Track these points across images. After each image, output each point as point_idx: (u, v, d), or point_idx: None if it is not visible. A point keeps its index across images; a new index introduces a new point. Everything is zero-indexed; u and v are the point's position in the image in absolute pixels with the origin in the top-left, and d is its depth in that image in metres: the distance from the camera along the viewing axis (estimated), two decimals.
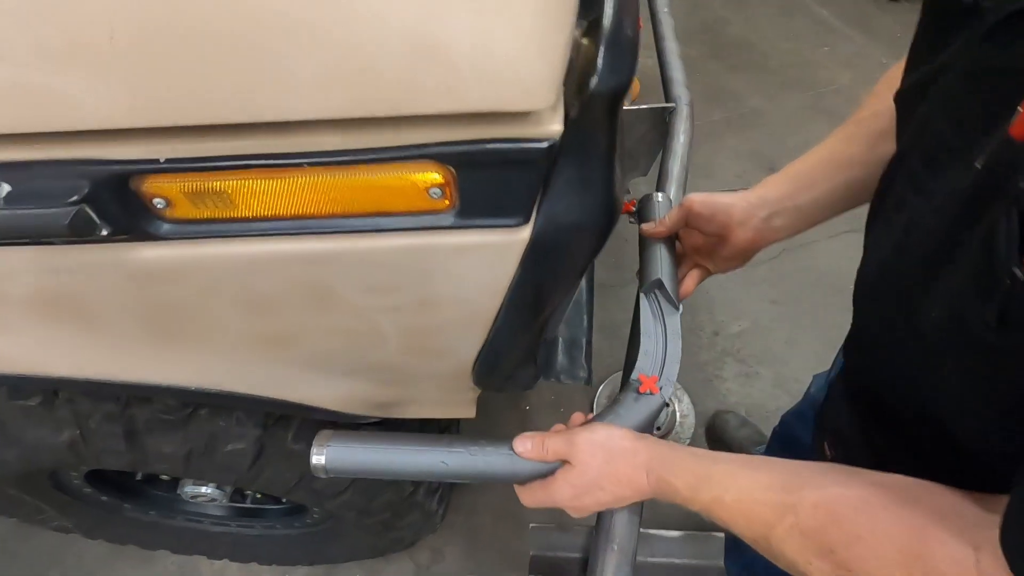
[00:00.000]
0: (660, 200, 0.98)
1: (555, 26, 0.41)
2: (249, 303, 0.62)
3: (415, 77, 0.41)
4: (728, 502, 0.54)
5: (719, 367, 2.09)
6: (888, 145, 0.74)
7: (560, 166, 0.49)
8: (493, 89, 0.41)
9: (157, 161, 0.47)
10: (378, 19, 0.39)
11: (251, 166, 0.47)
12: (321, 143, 0.47)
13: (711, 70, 2.65)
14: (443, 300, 0.62)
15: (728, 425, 1.88)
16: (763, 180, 0.86)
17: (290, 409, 0.88)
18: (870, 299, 0.60)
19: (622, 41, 0.43)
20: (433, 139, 0.46)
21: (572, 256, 0.56)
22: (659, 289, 0.82)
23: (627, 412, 0.67)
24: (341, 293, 0.60)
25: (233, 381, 0.79)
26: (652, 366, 0.74)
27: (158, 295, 0.61)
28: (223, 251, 0.55)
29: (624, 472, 0.59)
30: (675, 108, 1.34)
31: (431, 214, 0.52)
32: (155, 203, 0.51)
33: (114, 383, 0.75)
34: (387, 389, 0.89)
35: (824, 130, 0.79)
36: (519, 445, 0.64)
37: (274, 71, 0.41)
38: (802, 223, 0.83)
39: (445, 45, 0.40)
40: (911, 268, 0.49)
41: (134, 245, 0.54)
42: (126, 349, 0.70)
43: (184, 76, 0.41)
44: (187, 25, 0.39)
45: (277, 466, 1.12)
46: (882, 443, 0.65)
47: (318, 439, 0.64)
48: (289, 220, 0.53)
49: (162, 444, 1.05)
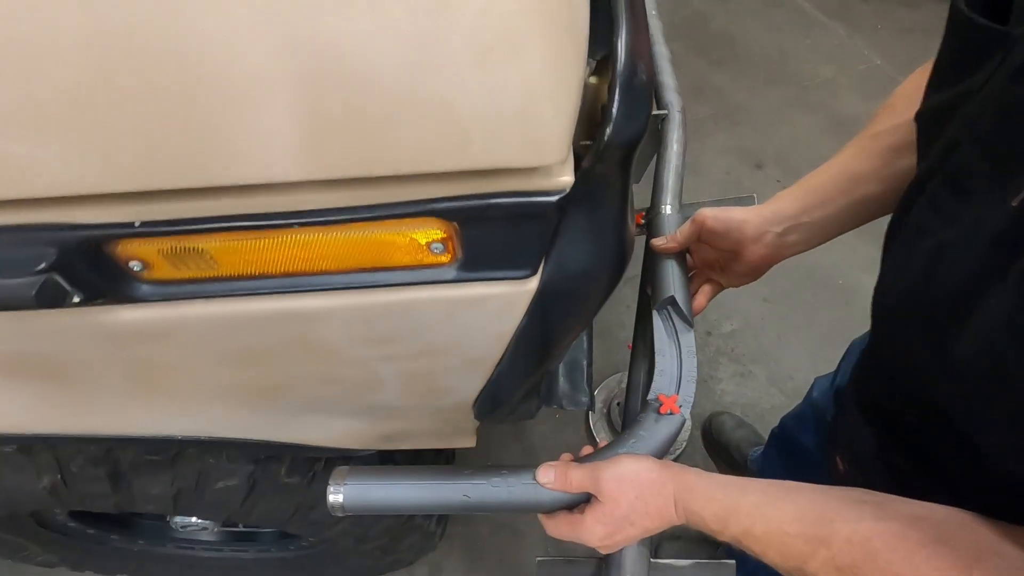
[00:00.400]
0: (669, 213, 0.95)
1: (565, 77, 0.38)
2: (238, 358, 0.58)
3: (415, 136, 0.37)
4: (758, 535, 0.53)
5: (714, 367, 2.09)
6: (905, 160, 0.73)
7: (570, 215, 0.46)
8: (500, 147, 0.38)
9: (131, 225, 0.43)
10: (372, 76, 0.35)
11: (235, 228, 0.43)
12: (312, 201, 0.43)
13: (695, 65, 2.63)
14: (444, 348, 0.59)
15: (724, 427, 1.87)
16: (776, 194, 0.84)
17: (284, 449, 0.85)
18: (894, 325, 0.58)
19: (636, 86, 0.40)
20: (434, 195, 0.43)
21: (582, 303, 0.53)
22: (672, 306, 0.80)
23: (649, 435, 0.64)
24: (336, 346, 0.57)
25: (223, 428, 0.75)
26: (669, 385, 0.72)
27: (140, 354, 0.57)
28: (208, 311, 0.51)
29: (653, 505, 0.58)
30: (667, 115, 1.31)
31: (432, 268, 0.49)
32: (131, 266, 0.47)
33: (97, 437, 0.71)
34: (385, 424, 0.86)
35: (809, 125, 0.78)
36: (542, 476, 0.62)
37: (259, 133, 0.37)
38: (817, 238, 0.81)
39: (446, 102, 0.36)
40: (941, 300, 0.48)
41: (111, 308, 0.50)
42: (108, 404, 0.66)
43: (159, 140, 0.38)
44: (161, 86, 0.35)
45: (271, 500, 1.08)
46: (902, 463, 0.64)
47: (334, 477, 0.61)
48: (279, 278, 0.49)
49: (149, 485, 1.00)
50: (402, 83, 0.35)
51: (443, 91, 0.36)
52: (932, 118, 0.58)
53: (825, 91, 2.54)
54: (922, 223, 0.53)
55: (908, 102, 0.75)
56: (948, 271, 0.48)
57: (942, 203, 0.50)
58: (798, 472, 1.49)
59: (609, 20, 0.43)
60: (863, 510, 0.50)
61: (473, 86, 0.36)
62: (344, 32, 0.34)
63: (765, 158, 2.40)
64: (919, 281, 0.51)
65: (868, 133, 0.79)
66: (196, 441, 0.76)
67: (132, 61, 0.35)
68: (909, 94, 0.76)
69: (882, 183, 0.76)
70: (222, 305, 0.51)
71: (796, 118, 2.47)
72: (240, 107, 0.37)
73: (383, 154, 0.38)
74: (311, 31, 0.34)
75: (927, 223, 0.52)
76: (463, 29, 0.34)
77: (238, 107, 0.37)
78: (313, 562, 1.55)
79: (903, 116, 0.74)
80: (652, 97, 0.40)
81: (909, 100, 0.75)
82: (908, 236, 0.55)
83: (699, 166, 2.39)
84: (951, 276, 0.47)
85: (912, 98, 0.75)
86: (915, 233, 0.54)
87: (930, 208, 0.52)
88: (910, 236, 0.55)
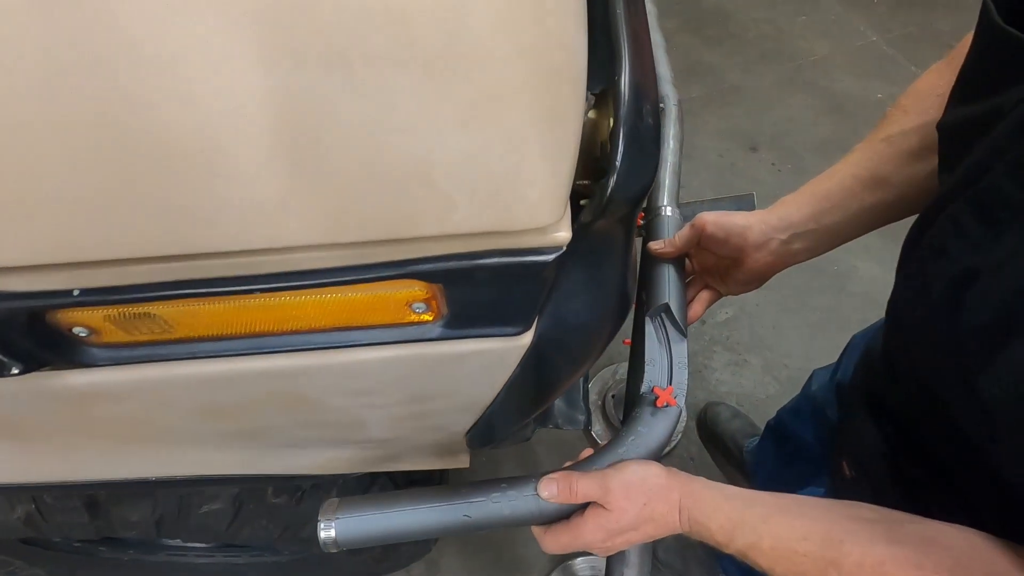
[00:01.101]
0: (669, 215, 0.90)
1: (560, 132, 0.32)
2: (208, 412, 0.54)
3: (389, 202, 0.32)
4: (765, 549, 0.52)
5: (708, 357, 2.07)
6: (919, 166, 0.69)
7: (568, 268, 0.41)
8: (487, 211, 0.33)
9: (70, 294, 0.38)
10: (338, 138, 0.30)
11: (189, 295, 0.38)
12: (275, 264, 0.38)
13: (687, 44, 2.54)
14: (432, 396, 0.54)
15: (720, 417, 1.86)
16: (781, 199, 0.80)
17: (268, 481, 0.81)
18: (913, 344, 0.57)
19: (642, 133, 0.35)
20: (416, 255, 0.37)
21: (581, 355, 0.49)
22: (666, 314, 0.75)
23: (649, 431, 0.61)
24: (315, 399, 0.52)
25: (198, 469, 0.70)
26: (661, 377, 0.69)
27: (98, 413, 0.52)
28: (169, 373, 0.46)
29: (660, 512, 0.56)
30: (663, 108, 1.24)
31: (415, 326, 0.44)
32: (76, 332, 0.42)
33: (67, 484, 0.66)
34: (373, 452, 0.82)
35: (804, 104, 0.73)
36: (544, 490, 0.59)
37: (213, 199, 0.32)
38: (824, 246, 0.78)
39: (425, 165, 0.31)
40: (972, 330, 0.46)
41: (61, 373, 0.45)
42: (74, 455, 0.61)
43: (100, 209, 0.32)
44: (104, 153, 0.30)
45: (259, 522, 1.05)
46: (914, 471, 0.62)
47: (324, 511, 0.57)
48: (246, 339, 0.44)
49: (128, 513, 0.96)
50: (372, 146, 0.30)
51: (420, 154, 0.31)
52: (957, 132, 0.55)
53: (820, 69, 2.48)
54: (943, 244, 0.50)
55: (921, 104, 0.71)
56: (980, 301, 0.46)
57: (968, 228, 0.48)
58: (795, 465, 1.48)
59: (609, 47, 0.38)
60: (875, 531, 0.49)
61: (454, 148, 0.31)
62: (304, 90, 0.29)
63: (759, 140, 2.34)
64: (944, 305, 0.49)
65: (879, 136, 0.75)
66: (171, 481, 0.71)
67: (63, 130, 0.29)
68: (922, 94, 0.72)
69: (894, 189, 0.72)
70: (184, 367, 0.46)
71: (791, 98, 2.40)
72: (194, 170, 0.31)
73: (352, 220, 0.33)
74: (268, 88, 0.29)
75: (949, 246, 0.49)
76: (440, 85, 0.29)
77: (192, 170, 0.31)
78: (307, 567, 1.54)
79: (916, 119, 0.70)
80: (659, 140, 0.35)
81: (922, 101, 0.71)
82: (925, 254, 0.53)
83: (692, 149, 2.33)
84: (983, 306, 0.45)
85: (925, 100, 0.71)
86: (934, 253, 0.51)
87: (953, 231, 0.49)
88: (927, 255, 0.52)
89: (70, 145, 0.30)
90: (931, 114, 0.66)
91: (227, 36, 0.28)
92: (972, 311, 0.46)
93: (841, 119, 2.32)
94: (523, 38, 0.29)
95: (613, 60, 0.37)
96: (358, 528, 0.57)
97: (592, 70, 0.38)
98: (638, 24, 0.39)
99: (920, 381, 0.57)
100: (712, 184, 2.22)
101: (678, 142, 1.17)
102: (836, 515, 0.52)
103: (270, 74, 0.28)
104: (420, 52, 0.28)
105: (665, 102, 1.23)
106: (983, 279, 0.45)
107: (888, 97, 2.39)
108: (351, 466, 0.86)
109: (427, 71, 0.28)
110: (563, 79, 0.31)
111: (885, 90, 2.40)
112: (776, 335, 2.04)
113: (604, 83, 0.38)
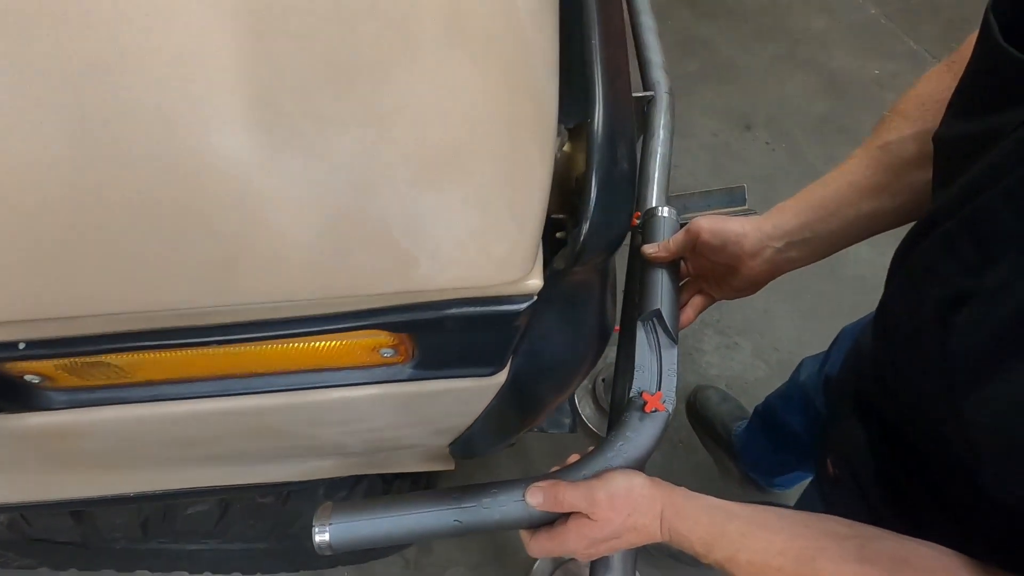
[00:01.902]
0: (666, 216, 0.87)
1: (528, 184, 0.30)
2: (178, 443, 0.52)
3: (347, 260, 0.30)
4: (742, 563, 0.53)
5: (699, 339, 2.07)
6: (918, 174, 0.68)
7: (542, 312, 0.39)
8: (451, 267, 0.31)
9: (15, 347, 0.36)
10: (299, 199, 0.28)
11: (140, 347, 0.36)
12: (230, 316, 0.36)
13: (682, 17, 2.47)
14: (407, 424, 0.53)
15: (709, 401, 1.87)
16: (778, 205, 0.78)
17: (251, 489, 0.80)
18: (900, 358, 0.57)
19: (616, 180, 0.32)
20: (380, 305, 0.35)
21: (558, 385, 0.47)
22: (657, 319, 0.74)
23: (637, 436, 0.61)
24: (287, 430, 0.51)
25: (179, 483, 0.70)
26: (650, 382, 0.69)
27: (65, 447, 0.50)
28: (129, 414, 0.44)
29: (642, 523, 0.57)
30: (653, 96, 1.20)
31: (385, 367, 0.42)
32: (28, 379, 0.40)
33: (43, 503, 0.65)
34: (357, 460, 0.81)
35: (800, 82, 0.70)
36: (532, 497, 0.59)
37: (161, 261, 0.30)
38: (820, 253, 0.77)
39: (381, 225, 0.29)
40: (961, 354, 0.46)
41: (17, 416, 0.43)
42: (49, 480, 0.60)
43: (45, 269, 0.30)
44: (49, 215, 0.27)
45: (246, 521, 1.05)
46: (899, 476, 0.63)
47: (318, 516, 0.57)
48: (207, 382, 0.42)
49: (114, 516, 0.96)
50: (325, 206, 0.28)
51: (376, 214, 0.28)
52: (954, 148, 0.54)
53: (817, 45, 2.41)
54: (933, 263, 0.50)
55: (920, 109, 0.69)
56: (970, 327, 0.45)
57: (960, 250, 0.47)
58: (783, 452, 1.49)
59: (583, 82, 0.35)
60: (846, 548, 0.49)
61: (413, 206, 0.28)
62: (247, 151, 0.26)
63: (754, 119, 2.30)
64: (933, 325, 0.49)
65: (876, 143, 0.73)
66: (152, 495, 0.71)
67: None
68: (922, 99, 0.70)
69: (893, 197, 0.71)
70: (145, 408, 0.44)
71: (787, 75, 2.35)
72: (141, 230, 0.29)
73: (310, 277, 0.31)
74: (199, 149, 0.26)
75: (939, 265, 0.49)
76: (395, 144, 0.26)
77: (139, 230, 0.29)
78: (300, 550, 1.55)
79: (914, 126, 0.68)
80: (634, 190, 0.33)
81: (921, 107, 0.69)
82: (915, 270, 0.52)
83: (686, 127, 2.28)
84: (973, 332, 0.44)
85: (925, 105, 0.69)
86: (924, 270, 0.51)
87: (945, 250, 0.49)
88: (917, 271, 0.52)
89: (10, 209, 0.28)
90: (930, 122, 0.64)
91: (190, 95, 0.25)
92: (962, 335, 0.45)
93: (837, 97, 2.28)
94: (487, 90, 0.27)
95: (588, 98, 0.34)
96: (352, 532, 0.58)
97: (567, 104, 0.36)
98: (615, 51, 0.36)
99: (908, 392, 0.57)
100: (706, 165, 2.18)
101: (668, 131, 1.12)
102: (812, 531, 0.53)
103: (215, 134, 0.26)
104: (373, 110, 0.26)
105: (655, 89, 1.19)
106: (974, 304, 0.44)
107: (885, 74, 2.34)
108: (334, 472, 0.86)
109: (382, 133, 0.26)
110: (531, 134, 0.28)
111: (883, 67, 2.35)
112: (767, 319, 2.03)
113: (579, 118, 0.36)
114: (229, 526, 1.04)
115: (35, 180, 0.26)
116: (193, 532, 1.04)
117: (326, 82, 0.25)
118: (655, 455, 0.69)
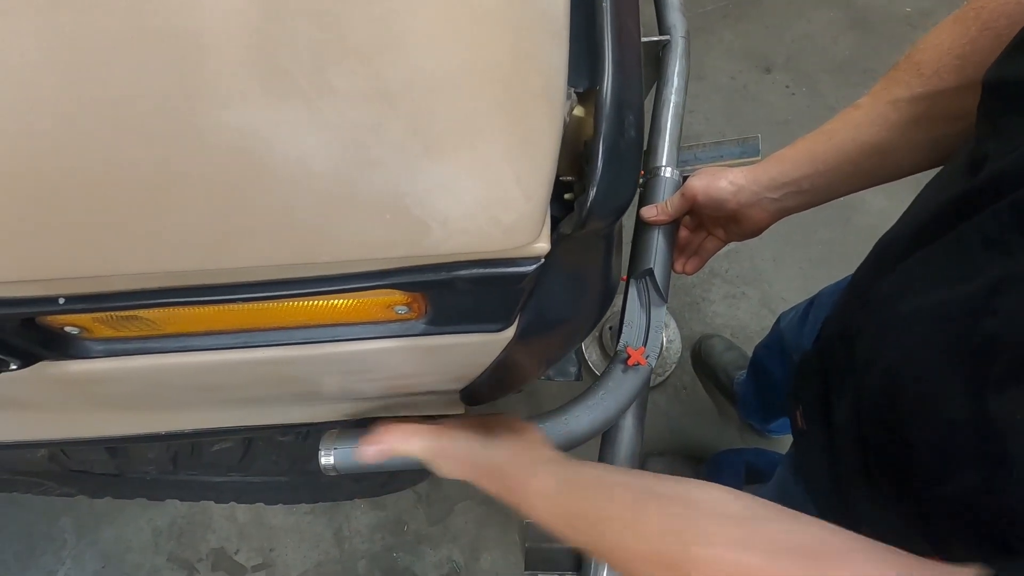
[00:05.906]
0: (668, 177, 0.88)
1: (536, 154, 0.31)
2: (205, 388, 0.56)
3: (359, 230, 0.32)
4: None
5: (706, 289, 2.07)
6: (923, 133, 0.64)
7: (548, 272, 0.41)
8: (460, 236, 0.32)
9: (56, 302, 0.38)
10: (301, 173, 0.29)
11: (170, 303, 0.39)
12: (256, 274, 0.38)
13: None
14: (421, 374, 0.56)
15: (714, 349, 1.90)
16: (776, 154, 0.77)
17: (271, 429, 0.85)
18: (906, 337, 0.51)
19: (624, 148, 0.33)
20: (393, 266, 0.37)
21: (564, 340, 0.50)
22: (649, 278, 0.77)
23: (617, 385, 0.64)
24: (308, 377, 0.54)
25: (204, 423, 0.74)
26: (637, 337, 0.72)
27: (101, 391, 0.54)
28: (161, 363, 0.47)
29: None
30: (669, 41, 1.16)
31: (399, 323, 0.44)
32: (68, 331, 0.43)
33: (80, 441, 0.70)
34: (370, 404, 0.86)
35: (825, 21, 0.67)
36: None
37: (179, 228, 0.32)
38: (819, 200, 0.76)
39: (394, 198, 0.30)
40: (992, 342, 0.41)
41: (58, 364, 0.47)
42: (84, 420, 0.64)
43: (83, 228, 0.32)
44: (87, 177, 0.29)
45: (268, 457, 1.11)
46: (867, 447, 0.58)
47: (324, 440, 0.68)
48: (233, 335, 0.45)
49: (145, 451, 1.03)
50: (339, 180, 0.29)
51: (388, 187, 0.30)
52: (1009, 95, 0.46)
53: None
54: (1000, 235, 0.43)
55: (936, 65, 0.64)
56: (1014, 313, 0.40)
57: (1006, 231, 0.42)
58: (769, 397, 1.51)
59: (592, 46, 0.35)
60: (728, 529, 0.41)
61: (422, 179, 0.30)
62: (263, 125, 0.28)
63: (775, 61, 2.21)
64: (973, 303, 0.43)
65: (886, 97, 0.68)
66: (179, 435, 0.76)
67: None
68: (940, 52, 0.65)
69: (894, 155, 0.68)
70: (175, 358, 0.47)
71: (811, 12, 2.24)
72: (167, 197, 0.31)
73: (325, 243, 0.33)
74: (219, 124, 0.28)
75: (1010, 238, 0.42)
76: (404, 117, 0.27)
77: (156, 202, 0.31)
78: (320, 486, 1.64)
79: (926, 84, 0.64)
80: (640, 158, 0.34)
81: (939, 61, 0.64)
82: (970, 241, 0.46)
83: (703, 70, 2.21)
84: (1017, 320, 0.40)
85: (942, 60, 0.64)
86: (985, 243, 0.45)
87: (997, 224, 0.43)
88: (974, 242, 0.46)
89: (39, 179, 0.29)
90: (947, 80, 0.61)
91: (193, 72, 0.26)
92: (1008, 320, 0.40)
93: (864, 36, 2.17)
94: (495, 64, 0.27)
95: (597, 62, 0.34)
96: (353, 456, 0.65)
97: (577, 67, 0.36)
98: (626, 14, 0.36)
99: (893, 378, 0.51)
100: (722, 110, 2.12)
101: (683, 79, 1.09)
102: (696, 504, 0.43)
103: (232, 109, 0.27)
104: (383, 85, 0.27)
105: (672, 33, 1.15)
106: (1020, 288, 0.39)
107: (917, 12, 2.22)
108: (348, 415, 0.91)
109: (392, 107, 0.27)
110: (539, 105, 0.29)
111: (916, 4, 2.23)
112: (776, 268, 2.03)
113: (588, 82, 0.36)
114: (252, 461, 1.11)
115: (72, 164, 0.28)
116: (219, 466, 1.10)
117: (341, 58, 0.26)
118: (658, 399, 0.72)
